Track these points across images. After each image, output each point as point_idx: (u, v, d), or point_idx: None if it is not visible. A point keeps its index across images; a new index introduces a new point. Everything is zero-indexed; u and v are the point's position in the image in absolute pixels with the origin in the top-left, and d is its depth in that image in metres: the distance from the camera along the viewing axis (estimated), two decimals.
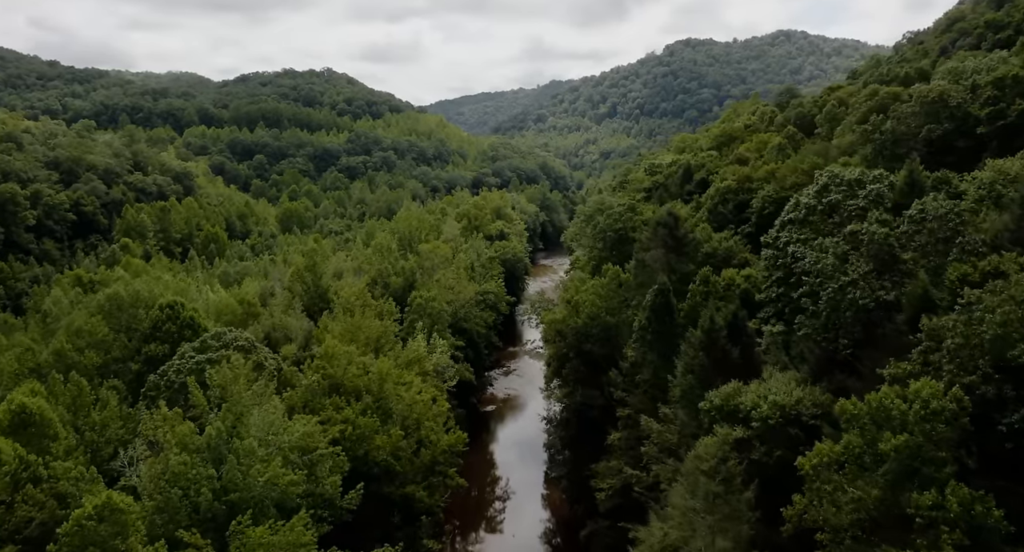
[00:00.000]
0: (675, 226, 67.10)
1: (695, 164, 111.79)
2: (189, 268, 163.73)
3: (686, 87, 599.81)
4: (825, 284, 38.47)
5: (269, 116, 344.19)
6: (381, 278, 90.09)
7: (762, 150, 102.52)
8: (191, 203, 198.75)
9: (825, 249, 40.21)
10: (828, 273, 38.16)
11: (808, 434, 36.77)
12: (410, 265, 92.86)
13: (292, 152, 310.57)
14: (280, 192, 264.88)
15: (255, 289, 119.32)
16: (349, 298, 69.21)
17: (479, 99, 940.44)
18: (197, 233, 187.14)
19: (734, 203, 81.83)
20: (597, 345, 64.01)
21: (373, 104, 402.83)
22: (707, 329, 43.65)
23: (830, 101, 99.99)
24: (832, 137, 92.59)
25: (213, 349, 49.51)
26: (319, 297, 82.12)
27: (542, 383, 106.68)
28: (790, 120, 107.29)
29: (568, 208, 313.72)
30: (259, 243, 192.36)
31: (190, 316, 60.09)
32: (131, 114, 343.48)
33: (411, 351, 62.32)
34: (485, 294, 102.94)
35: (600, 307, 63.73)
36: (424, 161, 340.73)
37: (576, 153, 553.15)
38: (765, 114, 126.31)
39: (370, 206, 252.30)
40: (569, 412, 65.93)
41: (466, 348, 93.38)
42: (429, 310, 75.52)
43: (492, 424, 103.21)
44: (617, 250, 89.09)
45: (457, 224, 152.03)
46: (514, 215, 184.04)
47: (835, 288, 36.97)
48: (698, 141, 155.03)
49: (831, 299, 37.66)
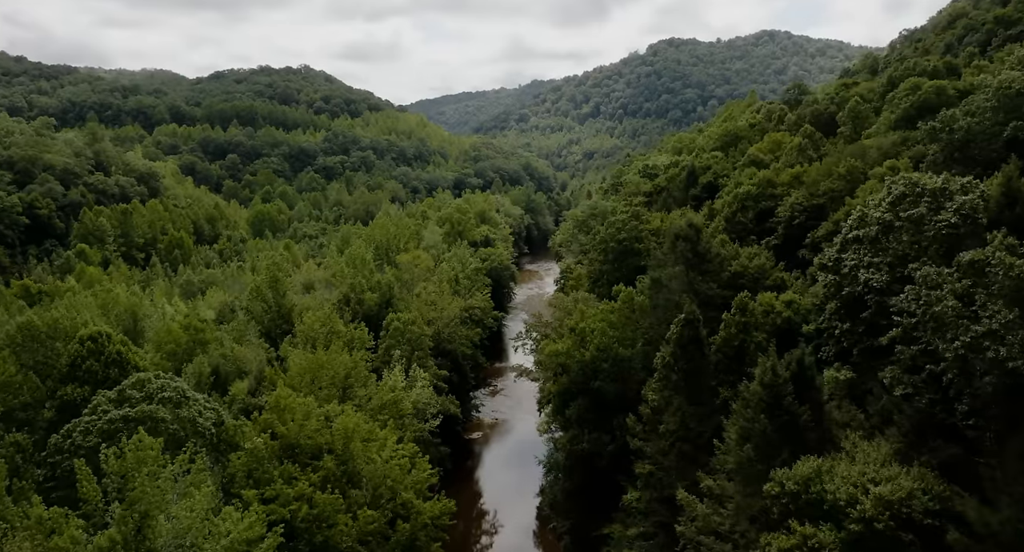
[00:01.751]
0: (697, 240, 57.22)
1: (699, 166, 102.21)
2: (150, 276, 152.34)
3: (670, 87, 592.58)
4: (944, 332, 28.52)
5: (243, 114, 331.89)
6: (354, 294, 79.68)
7: (776, 151, 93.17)
8: (156, 206, 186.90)
9: (933, 283, 30.27)
10: (947, 319, 28.25)
11: (924, 540, 26.96)
12: (387, 279, 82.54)
13: (267, 151, 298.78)
14: (254, 193, 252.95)
15: (219, 300, 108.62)
16: (313, 325, 58.77)
17: (460, 99, 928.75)
18: (162, 238, 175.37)
19: (755, 211, 72.19)
20: (608, 381, 53.97)
21: (351, 102, 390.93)
22: (768, 383, 33.68)
23: (852, 97, 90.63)
24: (858, 136, 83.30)
25: (134, 401, 39.08)
26: (282, 318, 71.63)
27: (531, 404, 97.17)
28: (805, 118, 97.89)
29: (553, 210, 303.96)
30: (228, 248, 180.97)
31: (117, 351, 49.41)
32: (99, 112, 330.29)
33: (385, 391, 52.05)
34: (471, 309, 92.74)
35: (611, 337, 53.70)
36: (404, 161, 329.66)
37: (559, 153, 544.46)
38: (772, 112, 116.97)
39: (347, 208, 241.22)
40: (573, 459, 56.03)
41: (450, 372, 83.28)
42: (408, 335, 65.24)
43: (478, 454, 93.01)
44: (620, 263, 79.20)
45: (439, 229, 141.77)
46: (499, 219, 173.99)
47: (965, 342, 27.14)
48: (695, 141, 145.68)
49: (957, 357, 27.77)
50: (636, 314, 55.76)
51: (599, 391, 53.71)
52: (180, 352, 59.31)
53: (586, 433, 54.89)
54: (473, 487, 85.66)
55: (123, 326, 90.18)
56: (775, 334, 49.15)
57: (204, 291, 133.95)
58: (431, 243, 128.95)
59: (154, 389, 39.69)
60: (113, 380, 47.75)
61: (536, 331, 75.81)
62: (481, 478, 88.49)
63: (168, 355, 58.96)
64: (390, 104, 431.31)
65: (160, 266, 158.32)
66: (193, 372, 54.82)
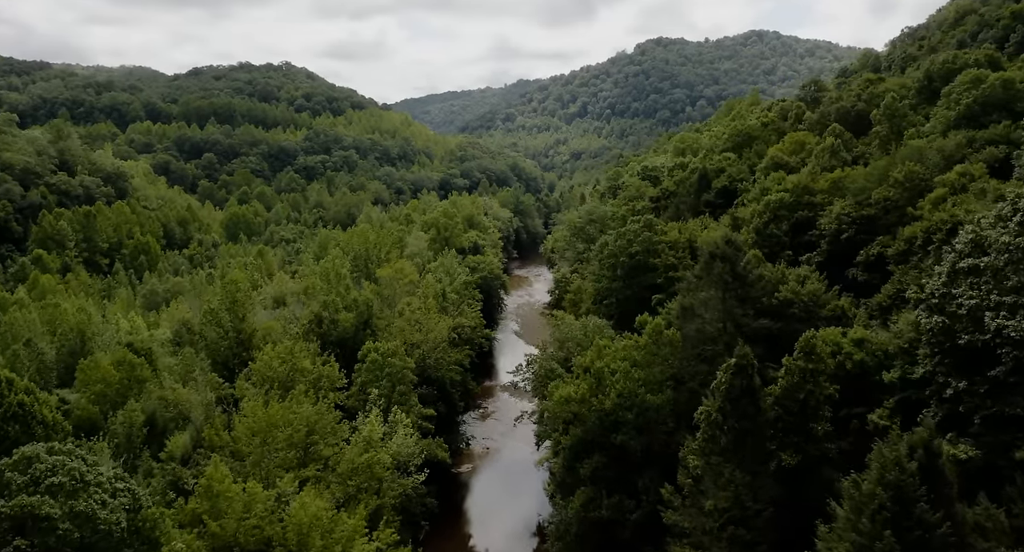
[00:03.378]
0: (736, 259, 47.51)
1: (711, 168, 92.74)
2: (112, 285, 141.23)
3: (658, 87, 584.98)
4: None
5: (221, 112, 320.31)
6: (327, 314, 69.54)
7: (799, 152, 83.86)
8: (122, 208, 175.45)
9: None
10: None
11: None
12: (365, 296, 72.45)
13: (245, 151, 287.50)
14: (230, 194, 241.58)
15: (181, 316, 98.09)
16: (271, 363, 48.50)
17: (445, 98, 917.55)
18: (128, 242, 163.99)
19: (790, 222, 62.58)
20: (632, 433, 44.12)
21: (334, 100, 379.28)
22: (894, 483, 23.90)
23: (883, 93, 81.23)
24: (897, 136, 74.02)
25: (14, 489, 29.02)
26: (241, 344, 61.43)
27: (525, 429, 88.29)
28: (829, 117, 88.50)
29: (542, 212, 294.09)
30: (199, 253, 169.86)
31: (19, 401, 39.12)
32: (71, 109, 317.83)
33: (357, 449, 42.00)
34: (460, 328, 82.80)
35: (636, 381, 43.87)
36: (388, 161, 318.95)
37: (546, 153, 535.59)
38: (787, 110, 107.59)
39: (328, 210, 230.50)
40: (586, 526, 45.96)
41: (437, 402, 73.34)
42: (388, 369, 55.16)
43: (469, 490, 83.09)
44: (632, 280, 69.52)
45: (424, 235, 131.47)
46: (488, 223, 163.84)
47: None
48: (699, 141, 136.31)
49: None
50: (664, 350, 45.96)
51: (622, 446, 43.90)
52: (111, 393, 49.05)
53: (604, 496, 45.02)
54: (463, 530, 76.01)
55: (69, 346, 79.94)
56: (843, 382, 39.63)
57: (169, 301, 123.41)
58: (416, 250, 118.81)
59: (42, 472, 29.47)
60: (12, 440, 37.64)
61: (539, 365, 65.53)
62: (472, 520, 78.75)
63: (96, 397, 48.68)
64: (373, 102, 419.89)
65: (124, 273, 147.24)
66: (123, 422, 44.63)
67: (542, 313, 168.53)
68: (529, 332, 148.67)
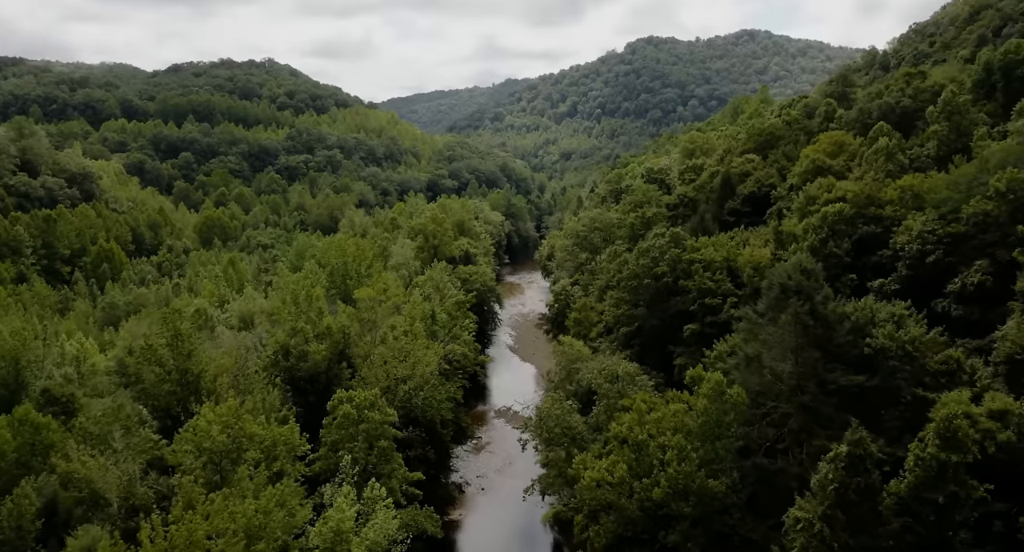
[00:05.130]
0: (814, 294, 36.77)
1: (736, 172, 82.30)
2: (70, 297, 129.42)
3: (649, 86, 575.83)
4: None
5: (201, 109, 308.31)
6: (296, 344, 58.52)
7: (839, 153, 73.51)
8: (86, 211, 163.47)
9: None
10: None
11: None
12: (340, 323, 61.46)
13: (224, 150, 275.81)
14: (207, 196, 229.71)
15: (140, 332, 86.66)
16: (209, 431, 37.29)
17: (433, 97, 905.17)
18: (92, 248, 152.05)
19: (853, 239, 51.97)
20: (689, 532, 33.34)
21: (318, 98, 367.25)
22: None
23: (947, 87, 70.74)
24: (962, 136, 63.78)
25: None
26: (186, 387, 50.30)
27: (523, 462, 75.66)
28: (870, 114, 78.12)
29: (534, 214, 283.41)
30: (168, 261, 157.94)
31: None
32: (44, 106, 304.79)
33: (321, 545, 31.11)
34: (452, 355, 71.99)
35: (694, 460, 33.14)
36: (373, 161, 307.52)
37: (535, 153, 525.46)
38: (813, 107, 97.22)
39: (310, 213, 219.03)
40: None
41: (426, 446, 62.66)
42: (365, 425, 44.17)
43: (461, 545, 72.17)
44: (658, 305, 58.85)
45: (411, 243, 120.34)
46: (480, 229, 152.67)
47: None
48: (710, 141, 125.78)
49: None
50: (728, 417, 35.16)
51: (675, 549, 33.19)
52: (6, 466, 37.85)
53: None
54: None
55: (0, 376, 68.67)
56: (981, 469, 29.01)
57: (130, 315, 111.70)
58: (401, 261, 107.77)
59: None
60: None
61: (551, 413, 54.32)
62: None
63: None
64: (359, 100, 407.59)
65: (84, 283, 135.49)
66: (10, 513, 33.50)
67: (537, 325, 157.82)
68: (524, 346, 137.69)
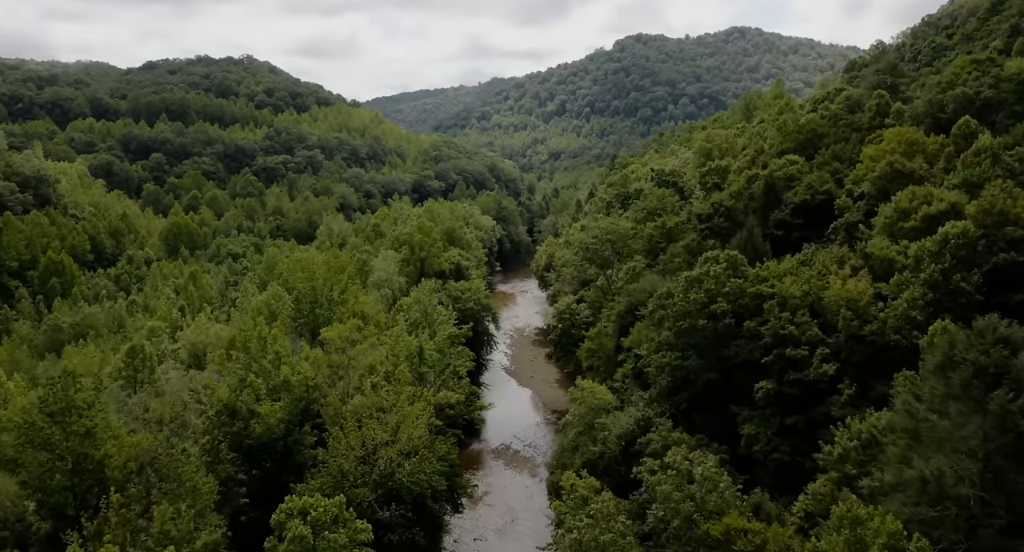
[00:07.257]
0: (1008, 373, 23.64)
1: (780, 176, 69.28)
2: (11, 317, 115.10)
3: (639, 84, 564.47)
4: None
5: (174, 108, 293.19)
6: (244, 403, 45.01)
7: (912, 155, 60.60)
8: (38, 218, 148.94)
9: None
10: None
11: None
12: (303, 373, 47.93)
13: (198, 150, 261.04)
14: (178, 199, 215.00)
15: (82, 367, 72.70)
16: None
17: (418, 96, 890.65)
18: (43, 259, 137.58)
19: (985, 268, 38.93)
20: None
21: (298, 96, 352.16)
22: None
23: None
24: None
25: None
26: (87, 476, 36.67)
27: (527, 520, 67.69)
28: (942, 107, 65.34)
29: (526, 218, 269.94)
30: (128, 273, 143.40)
31: None
32: (9, 105, 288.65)
33: None
34: (444, 403, 58.53)
35: None
36: (356, 162, 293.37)
37: (524, 153, 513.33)
38: (858, 100, 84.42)
39: (287, 218, 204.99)
40: None
41: (411, 527, 49.25)
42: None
43: None
44: (713, 351, 45.57)
45: (395, 254, 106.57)
46: (471, 237, 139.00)
47: None
48: (728, 140, 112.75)
49: None
50: None
51: None
52: None
53: None
54: None
55: None
56: None
57: (76, 340, 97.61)
58: (384, 277, 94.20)
59: None
60: None
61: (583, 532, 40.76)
62: None
63: None
64: (341, 98, 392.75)
65: (28, 301, 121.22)
66: None
67: (534, 342, 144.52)
68: (522, 367, 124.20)
